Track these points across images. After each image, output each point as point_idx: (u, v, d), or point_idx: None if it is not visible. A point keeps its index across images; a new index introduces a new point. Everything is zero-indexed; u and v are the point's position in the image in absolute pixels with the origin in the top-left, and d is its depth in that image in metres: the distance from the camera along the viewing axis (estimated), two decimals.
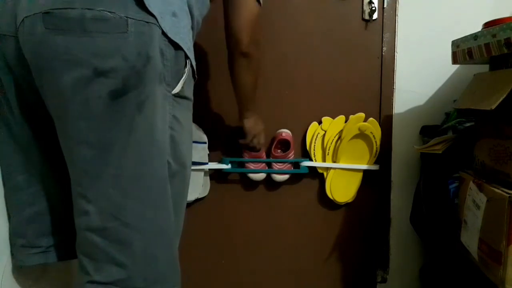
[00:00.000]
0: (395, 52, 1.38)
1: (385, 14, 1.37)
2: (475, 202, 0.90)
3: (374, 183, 1.44)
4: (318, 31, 1.38)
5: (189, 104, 0.84)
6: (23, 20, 0.66)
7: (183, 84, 0.76)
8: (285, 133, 1.39)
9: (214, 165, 1.40)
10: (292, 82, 1.40)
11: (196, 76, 0.85)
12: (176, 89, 0.75)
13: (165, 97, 0.74)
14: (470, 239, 0.92)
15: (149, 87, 0.69)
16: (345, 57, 1.39)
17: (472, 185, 0.92)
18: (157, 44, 0.69)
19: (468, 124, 1.13)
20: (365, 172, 1.42)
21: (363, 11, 1.36)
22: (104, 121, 0.68)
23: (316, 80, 1.40)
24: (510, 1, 1.31)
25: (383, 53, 1.38)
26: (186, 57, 0.76)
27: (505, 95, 0.78)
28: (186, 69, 0.77)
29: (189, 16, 0.78)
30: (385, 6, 1.36)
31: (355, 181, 1.42)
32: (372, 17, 1.35)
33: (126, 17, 0.65)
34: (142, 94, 0.68)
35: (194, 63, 0.81)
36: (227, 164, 1.39)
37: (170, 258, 0.78)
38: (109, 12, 0.64)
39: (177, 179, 0.80)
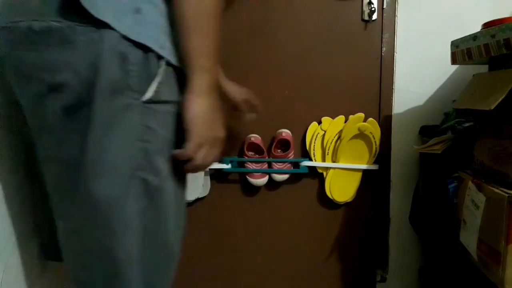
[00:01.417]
0: (395, 53, 1.39)
1: (384, 14, 1.37)
2: (474, 202, 0.90)
3: (373, 183, 1.44)
4: (318, 31, 1.38)
5: (172, 108, 0.70)
6: None
7: (158, 87, 0.66)
8: (285, 133, 1.39)
9: (214, 165, 1.40)
10: (292, 82, 1.40)
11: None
12: (147, 95, 0.65)
13: (130, 107, 0.64)
14: (469, 239, 0.92)
15: (102, 100, 0.62)
16: (345, 57, 1.39)
17: (471, 185, 0.93)
18: (113, 50, 0.61)
19: (467, 124, 1.13)
20: (365, 172, 1.42)
21: (362, 12, 1.36)
22: (61, 138, 0.64)
23: (316, 80, 1.40)
24: (509, 2, 1.31)
25: (383, 54, 1.39)
26: (160, 56, 0.66)
27: (504, 95, 0.79)
28: (161, 70, 0.66)
29: (161, 6, 0.67)
30: (384, 6, 1.36)
31: (355, 181, 1.42)
32: (372, 17, 1.36)
33: (75, 25, 0.60)
34: (93, 110, 0.62)
35: (177, 60, 0.69)
36: (227, 164, 1.39)
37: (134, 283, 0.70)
38: (56, 21, 0.60)
39: (164, 192, 0.70)
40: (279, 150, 1.41)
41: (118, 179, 0.65)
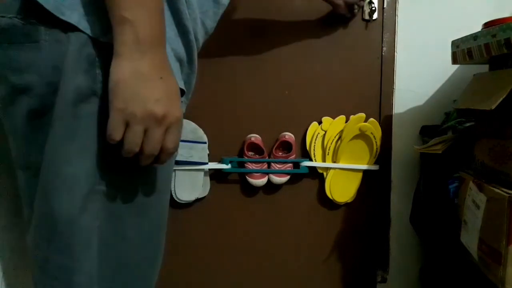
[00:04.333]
0: (395, 52, 1.38)
1: (385, 14, 1.37)
2: (475, 202, 0.90)
3: (374, 183, 1.44)
4: (318, 31, 1.38)
5: None
6: None
7: None
8: (288, 135, 1.39)
9: (214, 165, 1.40)
10: (292, 82, 1.40)
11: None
12: None
13: (94, 116, 0.58)
14: (470, 239, 0.92)
15: (65, 107, 0.56)
16: (345, 57, 1.39)
17: (472, 185, 0.92)
18: (80, 53, 0.56)
19: (468, 124, 1.13)
20: (365, 172, 1.42)
21: (363, 11, 1.36)
22: (27, 145, 0.61)
23: (316, 80, 1.40)
24: (510, 1, 1.31)
25: (383, 53, 1.38)
26: None
27: (505, 95, 0.79)
28: None
29: None
30: (385, 6, 1.36)
31: (355, 181, 1.42)
32: (372, 17, 1.35)
33: (39, 24, 0.55)
34: (54, 117, 0.56)
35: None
36: (227, 164, 1.39)
37: None
38: (19, 19, 0.55)
39: (127, 204, 0.63)
40: (280, 153, 1.41)
41: (79, 194, 0.58)
